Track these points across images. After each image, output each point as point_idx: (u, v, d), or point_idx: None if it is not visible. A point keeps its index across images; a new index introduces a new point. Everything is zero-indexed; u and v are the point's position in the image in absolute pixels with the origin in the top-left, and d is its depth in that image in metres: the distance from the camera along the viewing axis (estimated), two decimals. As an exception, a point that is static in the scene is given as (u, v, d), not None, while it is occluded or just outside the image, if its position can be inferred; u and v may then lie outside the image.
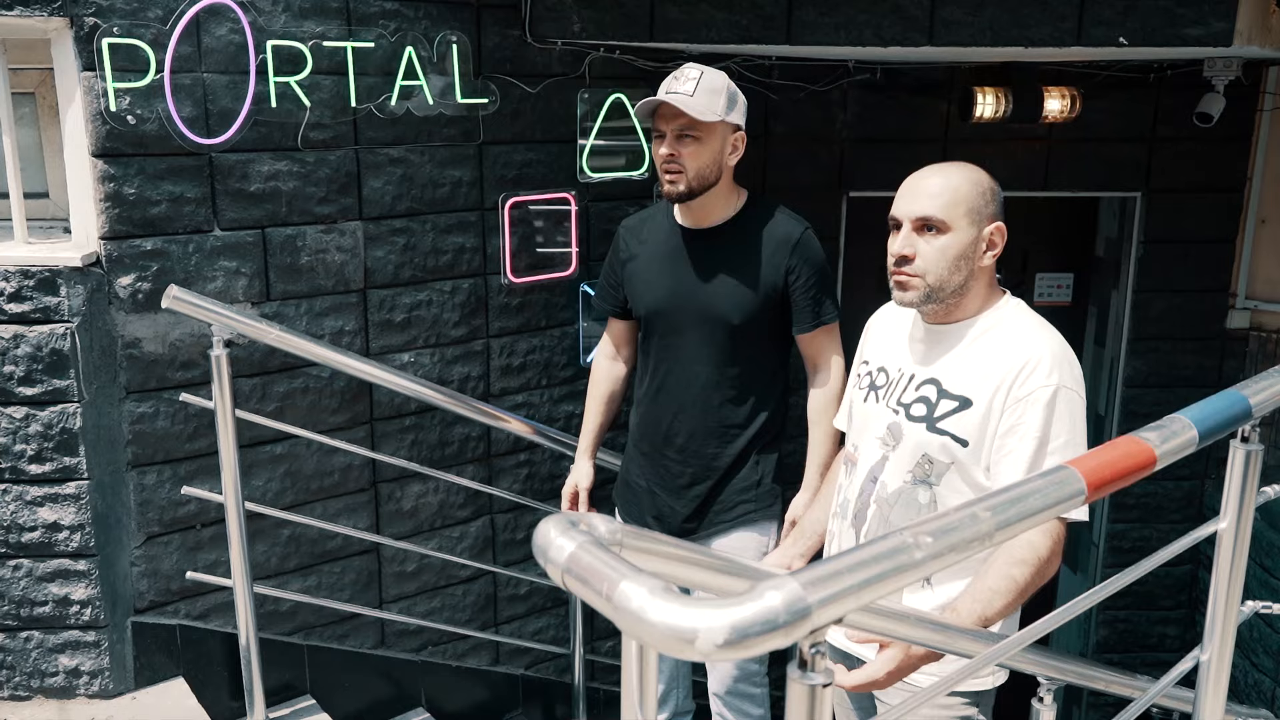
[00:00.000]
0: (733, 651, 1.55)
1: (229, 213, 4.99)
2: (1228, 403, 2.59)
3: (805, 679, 1.68)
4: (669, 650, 1.58)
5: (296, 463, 5.37)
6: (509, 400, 6.03)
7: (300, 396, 5.32)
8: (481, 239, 5.77)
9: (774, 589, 1.59)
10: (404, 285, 5.56)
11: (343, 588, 5.63)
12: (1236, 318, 7.70)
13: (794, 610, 1.59)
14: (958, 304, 3.48)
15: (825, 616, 1.63)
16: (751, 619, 1.56)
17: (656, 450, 4.70)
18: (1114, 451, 2.27)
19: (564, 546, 1.81)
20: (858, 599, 1.69)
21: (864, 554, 1.75)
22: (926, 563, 1.81)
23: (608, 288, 4.84)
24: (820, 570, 1.67)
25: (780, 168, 6.89)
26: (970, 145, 7.14)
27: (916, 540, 1.81)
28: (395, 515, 5.75)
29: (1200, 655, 3.01)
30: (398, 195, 5.45)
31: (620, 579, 1.67)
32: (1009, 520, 1.98)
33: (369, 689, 5.74)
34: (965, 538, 1.89)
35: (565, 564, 1.80)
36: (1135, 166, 7.45)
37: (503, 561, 6.20)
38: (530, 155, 5.87)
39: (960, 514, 1.92)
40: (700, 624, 1.56)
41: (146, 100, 4.68)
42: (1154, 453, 2.30)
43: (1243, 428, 2.70)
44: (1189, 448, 2.41)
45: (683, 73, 4.37)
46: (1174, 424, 2.42)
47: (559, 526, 1.86)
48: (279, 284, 5.17)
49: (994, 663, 2.60)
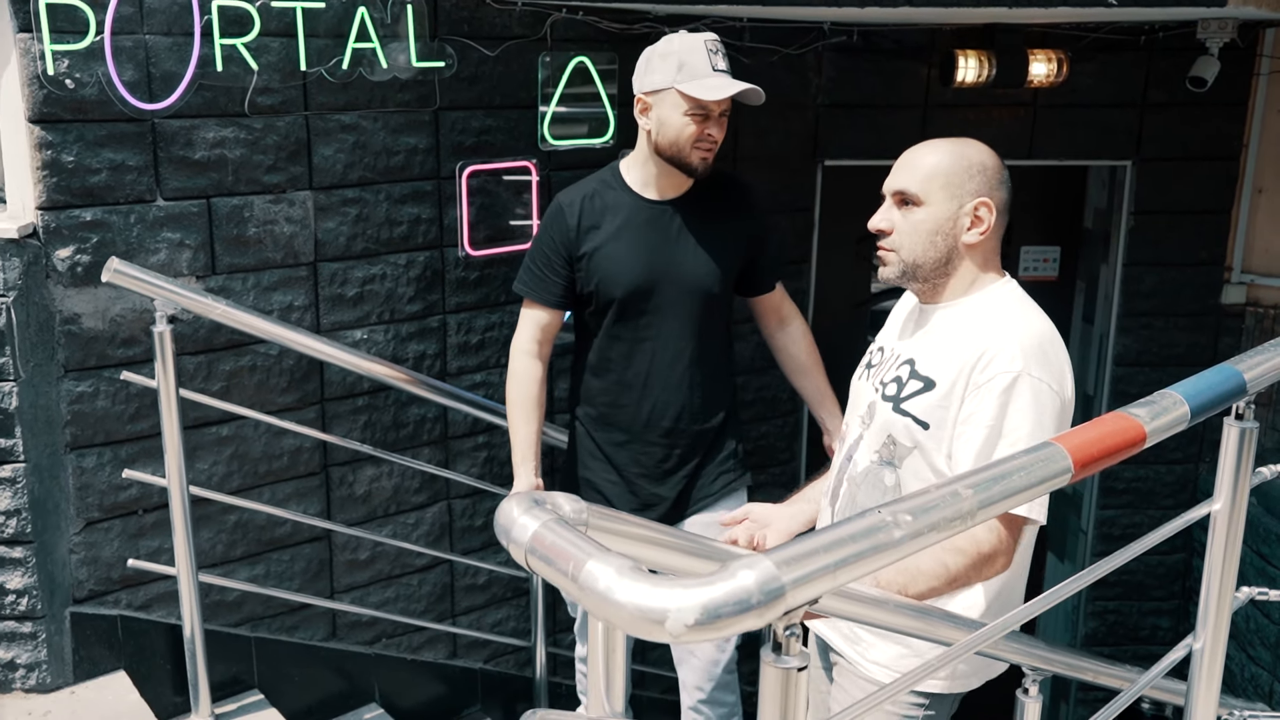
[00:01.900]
0: (704, 633, 1.57)
1: (172, 182, 4.98)
2: (1221, 378, 2.61)
3: (779, 662, 1.70)
4: (638, 631, 1.60)
5: (243, 445, 5.36)
6: (467, 380, 6.03)
7: (247, 375, 5.31)
8: (438, 210, 5.77)
9: (747, 568, 1.61)
10: (356, 258, 5.55)
11: (292, 577, 5.63)
12: (1232, 292, 7.72)
13: (767, 590, 1.60)
14: (944, 283, 3.48)
15: (800, 597, 1.65)
16: (723, 599, 1.58)
17: (635, 439, 4.71)
18: (1101, 428, 2.28)
19: (527, 526, 1.83)
20: (834, 580, 1.71)
21: (840, 533, 1.76)
22: (905, 542, 1.83)
23: (545, 275, 4.69)
24: (795, 549, 1.68)
25: (751, 135, 6.87)
26: (952, 111, 7.15)
27: (895, 519, 1.83)
28: (347, 500, 5.76)
29: (1193, 644, 3.03)
30: (350, 163, 5.45)
31: (587, 558, 1.68)
32: (992, 499, 2.00)
33: (319, 683, 5.76)
34: (946, 516, 1.90)
35: (529, 544, 1.81)
36: (1125, 133, 7.47)
37: (460, 549, 6.20)
38: (489, 122, 5.86)
39: (941, 492, 1.94)
40: (670, 604, 1.58)
41: (86, 63, 4.66)
42: (1143, 429, 2.32)
43: (1237, 404, 2.72)
44: (1180, 424, 2.43)
45: (715, 46, 4.46)
46: (1164, 399, 2.44)
47: (522, 505, 1.88)
48: (225, 257, 5.17)
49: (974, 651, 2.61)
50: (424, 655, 6.20)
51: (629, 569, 1.64)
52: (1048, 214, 8.35)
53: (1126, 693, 3.06)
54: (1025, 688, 3.31)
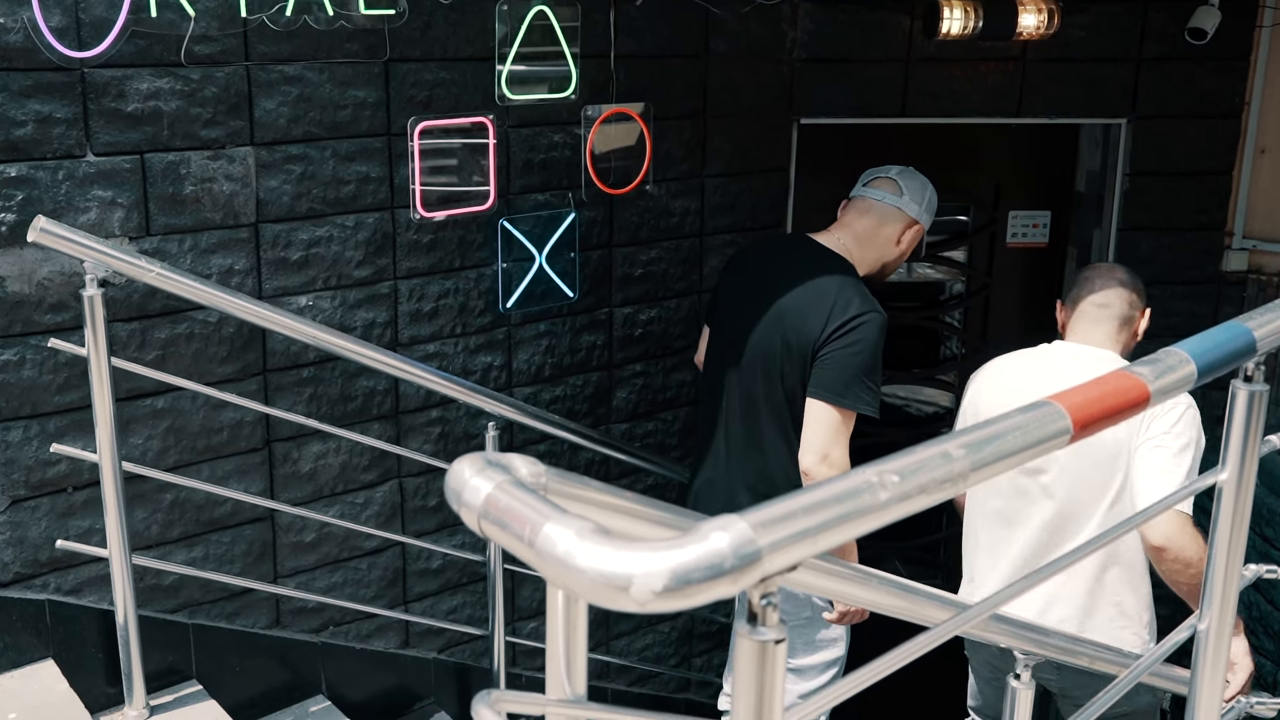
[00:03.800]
0: (672, 600, 1.53)
1: (104, 136, 4.92)
2: (1229, 335, 2.58)
3: (755, 634, 1.65)
4: (600, 600, 1.56)
5: (180, 418, 5.31)
6: (419, 350, 5.99)
7: (184, 343, 5.26)
8: (388, 168, 5.71)
9: (720, 529, 1.57)
10: (301, 219, 5.50)
11: (233, 560, 5.59)
12: (1233, 259, 7.72)
13: (742, 554, 1.56)
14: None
15: (778, 562, 1.61)
16: (694, 563, 1.54)
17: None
18: (1102, 387, 2.25)
19: (480, 488, 1.78)
20: (814, 544, 1.66)
21: (822, 494, 1.72)
22: (892, 505, 1.78)
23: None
24: (772, 510, 1.64)
25: (722, 91, 6.83)
26: (935, 66, 7.13)
27: (881, 479, 1.78)
28: (292, 478, 5.71)
29: (1198, 624, 2.99)
30: (294, 118, 5.39)
31: (544, 521, 1.64)
32: (985, 460, 1.96)
33: (262, 673, 5.71)
34: (936, 478, 1.86)
35: (482, 507, 1.76)
36: (1120, 89, 7.46)
37: (413, 531, 6.16)
38: (443, 74, 5.80)
39: (930, 451, 1.90)
40: (636, 569, 1.53)
41: (10, 8, 4.59)
42: (1147, 389, 2.29)
43: (1245, 365, 2.69)
44: (1186, 384, 2.40)
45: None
46: (1170, 358, 2.41)
47: (475, 466, 1.83)
48: (160, 217, 5.11)
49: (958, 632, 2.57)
50: (374, 644, 6.16)
51: (590, 531, 1.59)
52: (1037, 176, 8.33)
53: (1123, 679, 3.03)
54: (1017, 673, 3.29)
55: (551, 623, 1.91)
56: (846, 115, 7.24)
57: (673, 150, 6.68)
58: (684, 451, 7.09)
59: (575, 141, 6.27)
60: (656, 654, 7.43)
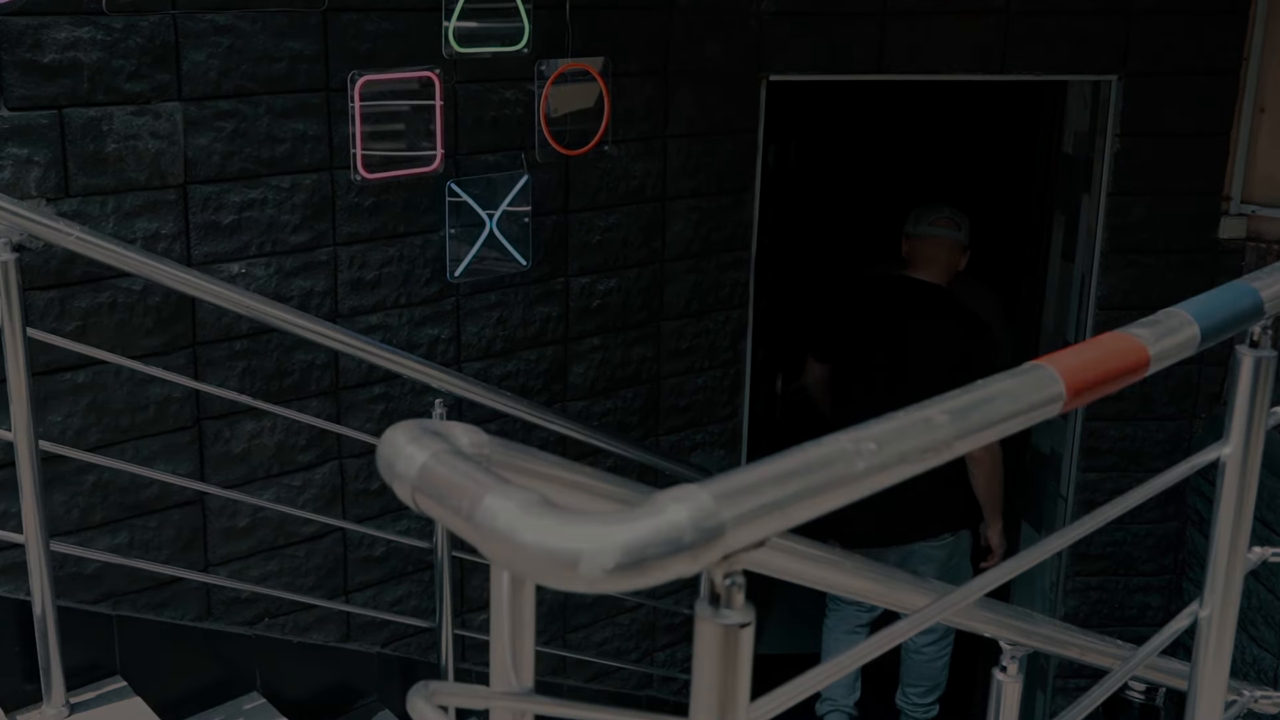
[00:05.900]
0: (625, 579, 1.46)
1: (18, 89, 4.86)
2: (1235, 294, 2.53)
3: (718, 617, 1.59)
4: (546, 579, 1.50)
5: (103, 394, 5.26)
6: (361, 321, 5.94)
7: (107, 314, 5.20)
8: (327, 126, 5.66)
9: (677, 501, 1.50)
10: (233, 180, 5.44)
11: (160, 546, 5.54)
12: (1230, 225, 7.69)
13: (702, 528, 1.49)
14: None
15: (743, 538, 1.54)
16: (649, 537, 1.47)
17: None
18: (1098, 349, 2.20)
19: (414, 457, 1.71)
20: (785, 518, 1.60)
21: (793, 462, 1.65)
22: (870, 475, 1.72)
23: None
24: (736, 479, 1.57)
25: (686, 46, 6.79)
26: (912, 19, 7.08)
27: (858, 447, 1.72)
28: (224, 459, 5.66)
29: (1199, 611, 2.95)
30: (225, 71, 5.33)
31: (484, 492, 1.57)
32: (972, 427, 1.90)
33: (192, 669, 5.66)
34: (918, 446, 1.80)
35: (416, 479, 1.70)
36: (1110, 44, 7.43)
37: (354, 515, 6.12)
38: (385, 25, 5.75)
39: (912, 417, 1.84)
40: (585, 544, 1.47)
41: (-89, -52, 4.54)
42: (1147, 352, 2.24)
43: (1252, 329, 2.64)
44: (1189, 348, 2.35)
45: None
46: (1171, 319, 2.36)
47: (409, 434, 1.76)
48: (80, 176, 5.05)
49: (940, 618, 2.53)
50: (313, 637, 6.12)
51: (535, 503, 1.53)
52: (1022, 137, 8.32)
53: (1117, 671, 2.99)
54: (1003, 665, 3.25)
55: (496, 607, 1.85)
56: (818, 72, 7.21)
57: (633, 109, 6.63)
58: (645, 431, 7.06)
59: (528, 99, 6.21)
60: (617, 648, 7.41)
